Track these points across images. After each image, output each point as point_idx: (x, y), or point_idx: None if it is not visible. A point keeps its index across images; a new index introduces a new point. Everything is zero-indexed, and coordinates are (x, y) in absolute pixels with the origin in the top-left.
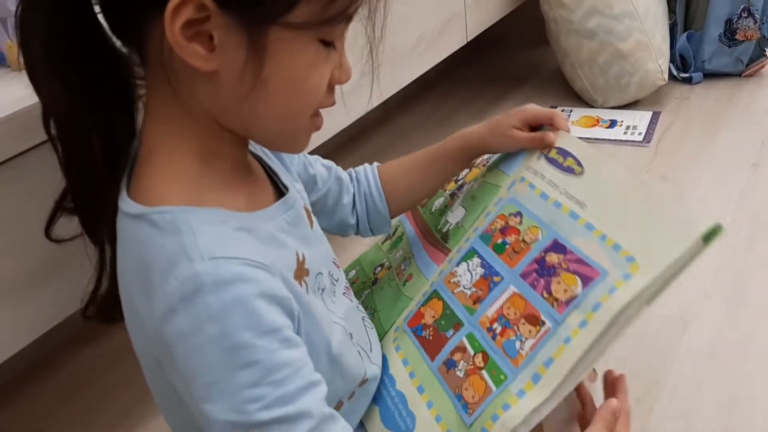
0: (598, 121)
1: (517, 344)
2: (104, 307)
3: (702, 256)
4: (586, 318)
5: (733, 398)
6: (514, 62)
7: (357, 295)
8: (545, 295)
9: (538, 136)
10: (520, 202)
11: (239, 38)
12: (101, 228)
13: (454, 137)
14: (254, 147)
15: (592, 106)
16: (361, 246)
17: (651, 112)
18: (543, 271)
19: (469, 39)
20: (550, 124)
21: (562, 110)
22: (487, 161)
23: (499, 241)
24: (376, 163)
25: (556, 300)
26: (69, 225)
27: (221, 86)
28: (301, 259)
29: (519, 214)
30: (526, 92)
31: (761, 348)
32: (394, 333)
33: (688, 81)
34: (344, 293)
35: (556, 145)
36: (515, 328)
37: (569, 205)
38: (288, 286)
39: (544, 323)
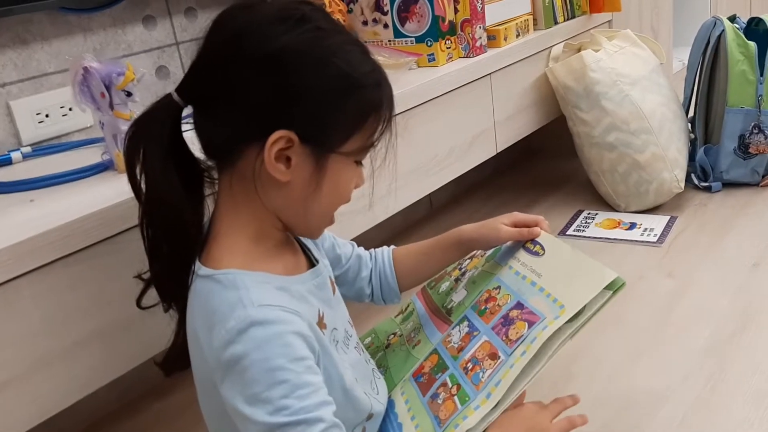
0: (619, 223)
1: (481, 374)
2: (170, 358)
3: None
4: (526, 349)
5: None
6: (549, 171)
7: (372, 356)
8: (504, 338)
9: (525, 230)
10: (501, 279)
11: (308, 161)
12: (174, 295)
13: (453, 231)
14: None
15: (617, 210)
16: (377, 317)
17: (668, 217)
18: (506, 322)
19: (499, 150)
20: (535, 225)
21: (588, 213)
22: (484, 253)
23: (483, 307)
24: (392, 246)
25: (510, 340)
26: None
27: (290, 191)
28: (321, 315)
29: (499, 287)
30: (557, 197)
31: (734, 419)
32: (402, 384)
33: (708, 190)
34: (355, 347)
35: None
36: (481, 364)
37: (531, 276)
38: (312, 330)
39: (499, 357)
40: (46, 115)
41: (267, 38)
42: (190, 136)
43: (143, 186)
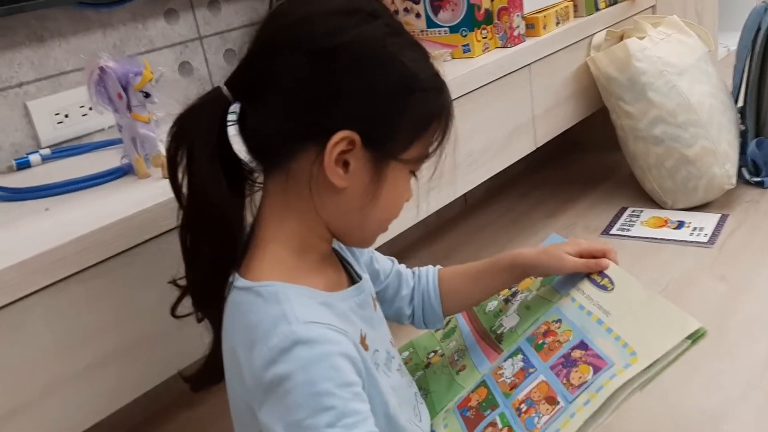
0: (666, 221)
1: (536, 419)
2: (203, 373)
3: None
4: (590, 398)
5: None
6: (591, 166)
7: (411, 373)
8: (564, 381)
9: (592, 262)
10: (562, 311)
11: (368, 167)
12: (210, 305)
13: (508, 254)
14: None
15: (663, 208)
16: (415, 331)
17: (719, 215)
18: (567, 363)
19: (538, 145)
20: (602, 256)
21: (633, 210)
22: None
23: (541, 341)
24: (438, 266)
25: (572, 385)
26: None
27: (345, 198)
28: (363, 335)
29: (559, 320)
30: (598, 194)
31: None
32: (444, 413)
33: (760, 185)
34: (398, 369)
35: None
36: (536, 407)
37: (598, 314)
38: (357, 351)
39: (558, 402)
40: (66, 116)
41: (335, 30)
42: (234, 136)
43: (184, 188)
